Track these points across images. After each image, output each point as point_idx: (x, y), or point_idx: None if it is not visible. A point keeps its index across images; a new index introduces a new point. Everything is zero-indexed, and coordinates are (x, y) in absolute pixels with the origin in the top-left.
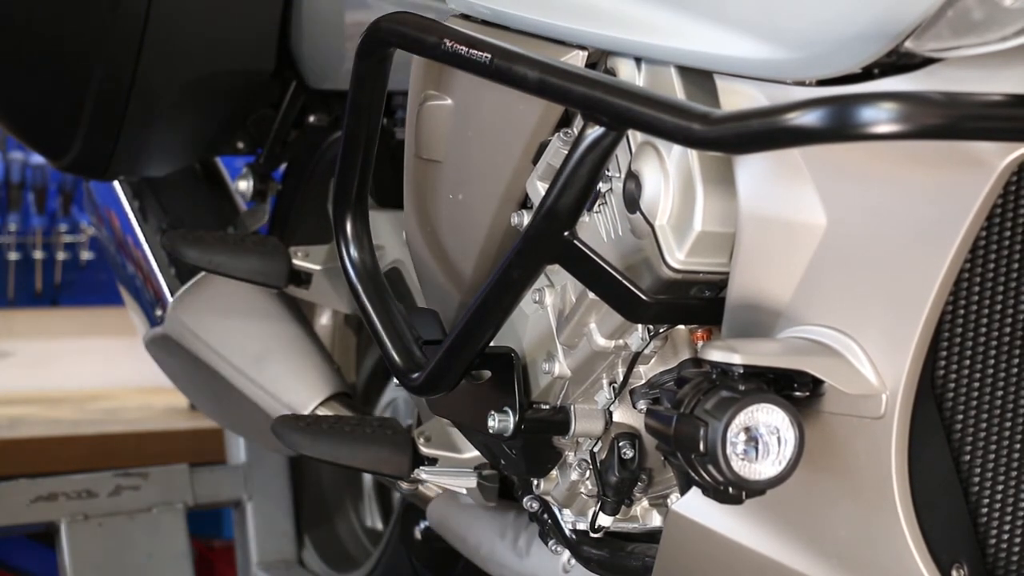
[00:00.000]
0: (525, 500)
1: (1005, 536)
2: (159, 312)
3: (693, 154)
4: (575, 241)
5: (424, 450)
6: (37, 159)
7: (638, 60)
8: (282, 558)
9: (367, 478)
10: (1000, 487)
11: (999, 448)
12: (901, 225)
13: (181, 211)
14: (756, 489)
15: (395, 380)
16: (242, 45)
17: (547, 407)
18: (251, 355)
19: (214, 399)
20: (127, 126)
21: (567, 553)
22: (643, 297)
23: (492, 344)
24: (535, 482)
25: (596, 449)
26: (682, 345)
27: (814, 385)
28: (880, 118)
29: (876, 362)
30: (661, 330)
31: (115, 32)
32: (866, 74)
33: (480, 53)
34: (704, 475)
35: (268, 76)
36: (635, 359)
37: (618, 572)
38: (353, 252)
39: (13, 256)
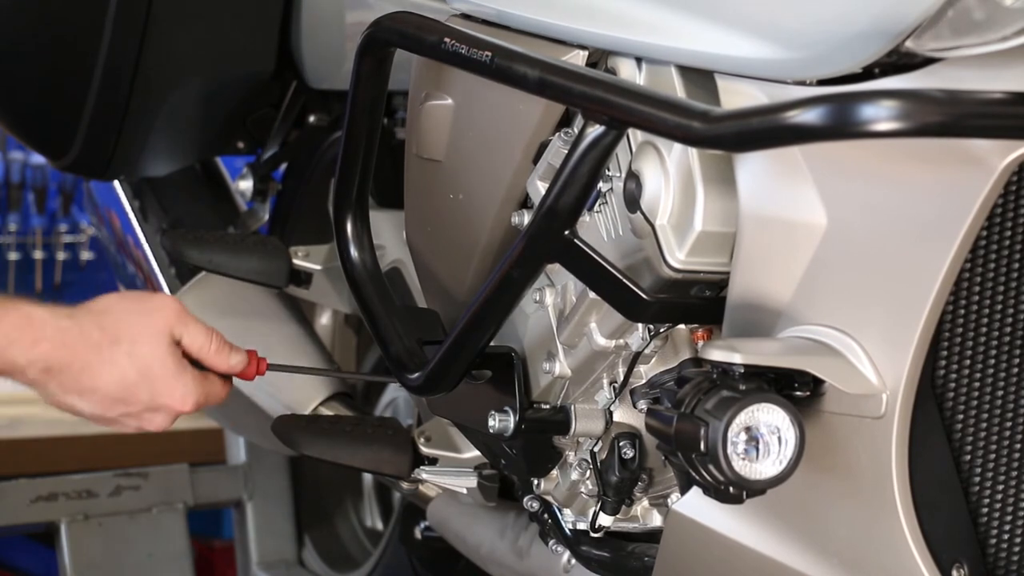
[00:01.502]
0: (525, 500)
1: (1005, 536)
2: None
3: (694, 154)
4: (576, 240)
5: (424, 450)
6: (37, 159)
7: (639, 60)
8: (282, 558)
9: (367, 478)
10: (1000, 487)
11: (999, 448)
12: (902, 225)
13: (181, 211)
14: (757, 489)
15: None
16: (242, 45)
17: (547, 407)
18: None
19: None
20: (127, 126)
21: (567, 553)
22: (644, 296)
23: (492, 344)
24: (535, 482)
25: (596, 449)
26: (682, 345)
27: (815, 385)
28: (880, 115)
29: (877, 362)
30: (662, 330)
31: (116, 32)
32: (867, 74)
33: (480, 52)
34: (705, 475)
35: (268, 76)
36: (635, 359)
37: (618, 572)
38: (353, 252)
39: (13, 256)
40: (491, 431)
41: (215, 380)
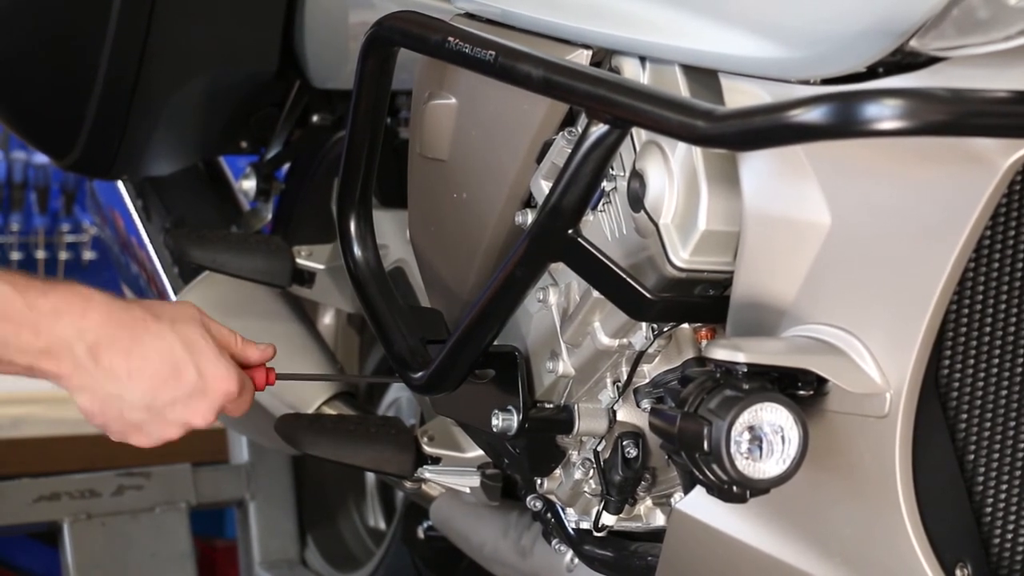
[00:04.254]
0: (529, 499)
1: (1009, 535)
2: None
3: (697, 153)
4: (579, 239)
5: (427, 449)
6: (40, 158)
7: (642, 59)
8: (284, 557)
9: (370, 477)
10: (1004, 486)
11: (1003, 447)
12: (905, 224)
13: (185, 211)
14: (760, 488)
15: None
16: (246, 45)
17: (551, 406)
18: None
19: None
20: (131, 125)
21: (570, 552)
22: (647, 295)
23: (496, 343)
24: (539, 481)
25: (600, 448)
26: (686, 344)
27: (818, 384)
28: (884, 114)
29: (880, 361)
30: (665, 329)
31: (119, 31)
32: (871, 73)
33: (484, 51)
34: (708, 474)
35: (272, 76)
36: (639, 358)
37: (622, 571)
38: (357, 251)
39: (15, 256)
40: (494, 430)
41: (247, 377)
